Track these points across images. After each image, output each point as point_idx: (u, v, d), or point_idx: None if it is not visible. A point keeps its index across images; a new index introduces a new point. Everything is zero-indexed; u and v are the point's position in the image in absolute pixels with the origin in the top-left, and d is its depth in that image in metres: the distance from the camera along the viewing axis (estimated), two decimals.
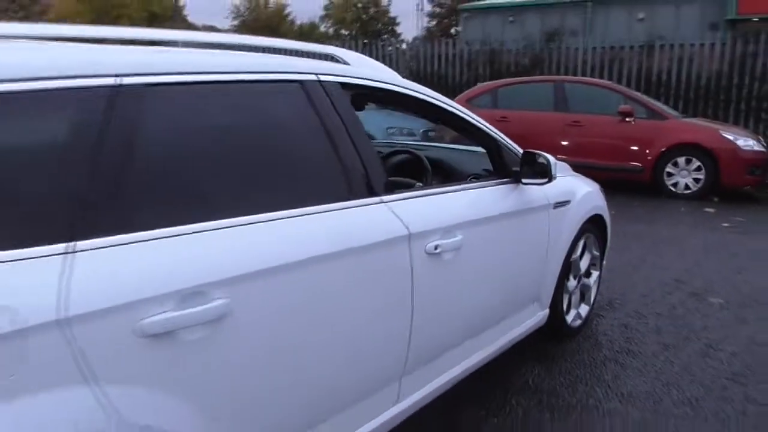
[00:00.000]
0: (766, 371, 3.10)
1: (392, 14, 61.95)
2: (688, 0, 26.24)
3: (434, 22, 54.56)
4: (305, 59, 2.12)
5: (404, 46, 17.55)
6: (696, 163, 7.77)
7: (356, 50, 13.82)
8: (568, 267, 3.30)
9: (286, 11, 62.09)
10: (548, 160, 2.69)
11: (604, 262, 3.77)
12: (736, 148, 7.59)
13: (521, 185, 2.78)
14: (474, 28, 30.50)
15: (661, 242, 5.67)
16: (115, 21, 43.56)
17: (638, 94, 8.92)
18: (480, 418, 2.64)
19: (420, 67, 13.12)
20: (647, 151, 8.00)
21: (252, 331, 1.58)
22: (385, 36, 61.86)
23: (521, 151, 2.83)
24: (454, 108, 2.63)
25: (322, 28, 63.88)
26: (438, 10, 56.25)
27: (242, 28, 61.96)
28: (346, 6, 59.97)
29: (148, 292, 1.37)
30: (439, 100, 2.57)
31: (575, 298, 3.49)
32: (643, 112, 8.16)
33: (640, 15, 27.19)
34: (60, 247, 1.29)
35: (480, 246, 2.44)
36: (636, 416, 2.68)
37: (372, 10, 60.82)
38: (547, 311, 3.17)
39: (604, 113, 8.20)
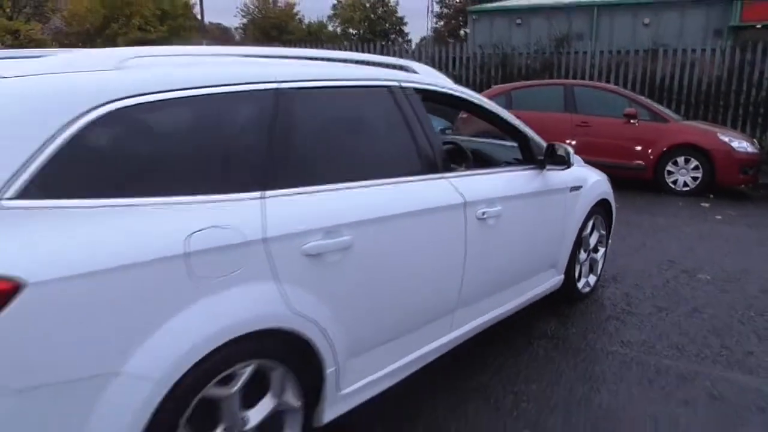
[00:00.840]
0: (740, 329, 3.79)
1: (400, 14, 62.46)
2: (693, 6, 26.79)
3: (442, 23, 55.12)
4: (391, 70, 2.83)
5: (413, 46, 18.17)
6: (694, 163, 8.44)
7: (364, 50, 14.36)
8: (580, 242, 3.99)
9: (295, 10, 62.66)
10: (567, 151, 3.39)
11: (609, 241, 4.47)
12: (730, 150, 8.27)
13: (545, 171, 3.47)
14: (482, 29, 31.14)
15: (660, 230, 6.36)
16: (128, 18, 44.24)
17: (642, 98, 9.60)
18: (508, 355, 3.34)
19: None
20: (649, 150, 8.67)
21: (365, 259, 2.28)
22: (393, 36, 62.50)
23: (545, 144, 3.52)
24: (493, 107, 3.34)
25: (330, 28, 64.55)
26: (446, 11, 56.82)
27: (251, 26, 62.58)
28: (354, 6, 60.57)
29: (307, 227, 2.08)
30: (482, 101, 3.27)
31: (585, 268, 4.18)
32: (646, 115, 8.84)
33: (646, 20, 27.80)
34: (257, 194, 1.99)
35: (514, 216, 3.14)
36: (633, 356, 3.38)
37: (380, 10, 61.38)
38: (562, 276, 3.87)
39: (611, 115, 8.87)
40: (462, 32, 37.79)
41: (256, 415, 2.03)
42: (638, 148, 8.75)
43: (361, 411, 2.42)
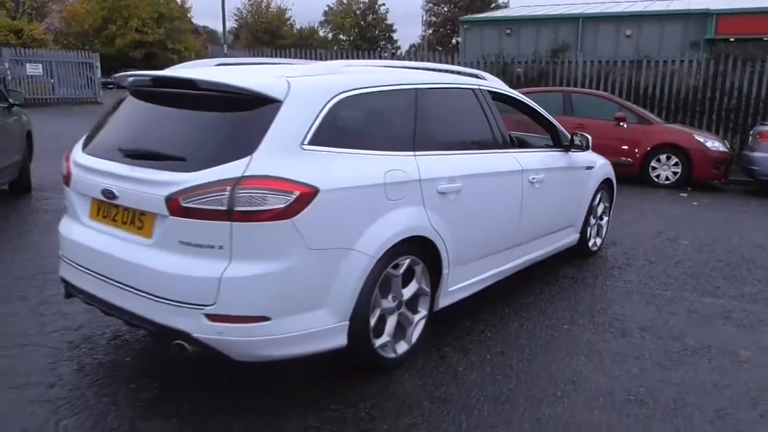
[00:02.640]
0: (710, 274, 5.07)
1: (389, 21, 63.74)
2: (671, 19, 28.39)
3: (431, 32, 56.51)
4: (469, 78, 4.05)
5: (401, 52, 19.43)
6: (674, 160, 9.78)
7: (355, 57, 15.47)
8: (591, 209, 5.24)
9: (287, 15, 63.65)
10: (586, 138, 4.65)
11: (611, 212, 5.73)
12: (705, 149, 9.63)
13: (569, 153, 4.72)
14: (473, 38, 32.52)
15: (647, 212, 7.66)
16: (126, 21, 44.96)
17: (630, 104, 10.95)
18: (543, 286, 4.58)
19: None
20: (636, 149, 10.00)
21: (469, 199, 3.49)
22: (383, 42, 63.79)
23: (568, 134, 4.76)
24: (535, 106, 4.57)
25: (321, 33, 65.77)
26: (434, 19, 58.23)
27: (244, 30, 63.42)
28: (345, 12, 61.80)
29: (439, 175, 3.29)
30: (528, 101, 4.51)
31: (593, 231, 5.43)
32: (633, 118, 10.18)
33: (628, 32, 29.34)
34: (412, 153, 3.20)
35: (550, 183, 4.38)
36: (633, 288, 4.64)
37: (370, 17, 62.66)
38: (578, 235, 5.12)
39: (603, 118, 10.18)
40: (454, 41, 39.17)
41: (407, 292, 3.22)
42: (626, 147, 10.06)
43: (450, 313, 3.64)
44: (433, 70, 3.93)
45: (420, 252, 3.22)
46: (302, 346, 2.70)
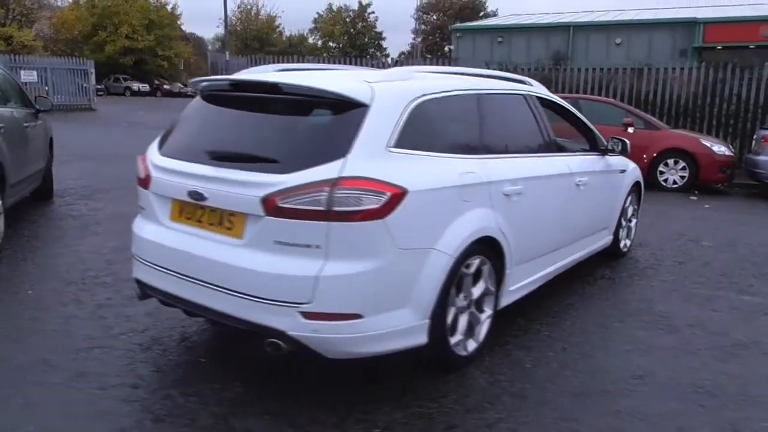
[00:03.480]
0: (740, 273, 5.21)
1: (378, 29, 64.01)
2: (660, 28, 28.90)
3: (420, 39, 56.83)
4: (517, 83, 4.15)
5: (390, 60, 19.63)
6: (682, 164, 9.99)
7: (344, 64, 15.61)
8: (623, 211, 5.37)
9: (276, 23, 63.67)
10: (625, 142, 4.77)
11: (638, 214, 5.87)
12: (712, 153, 9.85)
13: (606, 157, 4.84)
14: (465, 46, 32.86)
15: (663, 215, 7.82)
16: (116, 27, 44.75)
17: (636, 110, 11.17)
18: (584, 287, 4.69)
19: None
20: (644, 154, 10.17)
21: (529, 201, 3.59)
22: (372, 50, 64.05)
23: (603, 139, 4.89)
24: (575, 111, 4.69)
25: (311, 40, 65.85)
26: (424, 27, 58.60)
27: (233, 37, 63.35)
28: (335, 20, 61.99)
29: (504, 178, 3.38)
30: (570, 107, 4.62)
31: (624, 233, 5.56)
32: (641, 124, 10.38)
33: (618, 40, 29.81)
34: (479, 156, 3.29)
35: (592, 186, 4.49)
36: (670, 287, 4.75)
37: (360, 25, 62.92)
38: (611, 237, 5.24)
39: (611, 124, 10.34)
40: (447, 49, 39.47)
41: (475, 291, 3.30)
42: (634, 152, 10.23)
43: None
44: (484, 76, 4.03)
45: (487, 252, 3.30)
46: (389, 344, 2.77)
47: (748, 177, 10.25)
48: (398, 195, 2.66)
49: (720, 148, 9.97)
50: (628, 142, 4.84)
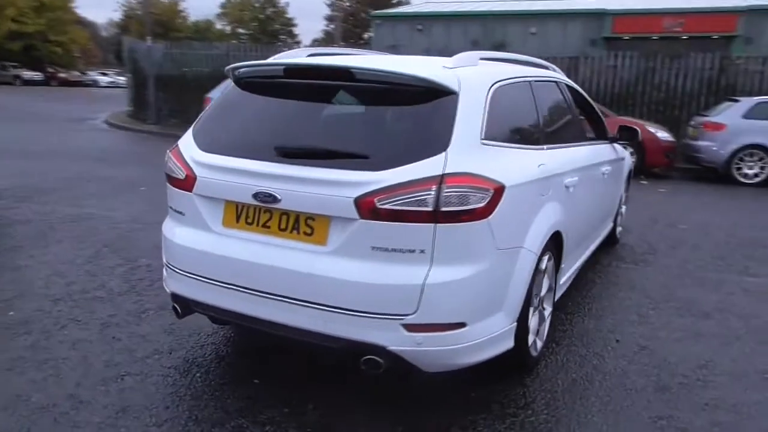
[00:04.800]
0: (732, 254, 5.40)
1: (290, 15, 62.67)
2: (573, 18, 30.01)
3: (333, 26, 56.10)
4: (553, 71, 4.02)
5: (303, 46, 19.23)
6: (629, 150, 10.33)
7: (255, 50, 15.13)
8: (621, 198, 5.42)
9: (180, 7, 60.83)
10: (636, 130, 4.78)
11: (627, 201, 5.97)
12: (657, 139, 10.27)
13: (614, 145, 4.83)
14: (385, 33, 32.70)
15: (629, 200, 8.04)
16: (1, 9, 41.08)
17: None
18: (592, 277, 4.68)
19: None
20: None
21: (579, 192, 3.48)
22: (283, 36, 62.63)
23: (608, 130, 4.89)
24: (589, 99, 4.63)
25: (219, 26, 63.44)
26: (336, 14, 57.90)
27: (132, 22, 59.96)
28: (243, 5, 60.06)
29: (565, 168, 3.24)
30: (584, 94, 4.56)
31: (619, 219, 5.62)
32: None
33: (533, 29, 30.71)
34: (543, 146, 3.13)
35: (610, 174, 4.47)
36: (675, 272, 4.83)
37: (269, 11, 61.32)
38: (612, 224, 5.27)
39: None
40: (366, 36, 39.08)
41: (543, 288, 3.14)
42: None
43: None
44: (515, 61, 3.87)
45: (552, 247, 3.16)
46: (485, 352, 2.56)
47: (685, 161, 10.78)
48: (499, 191, 2.45)
49: (664, 134, 10.42)
50: (638, 130, 4.85)
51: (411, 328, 2.35)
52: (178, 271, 2.80)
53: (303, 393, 2.78)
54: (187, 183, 2.74)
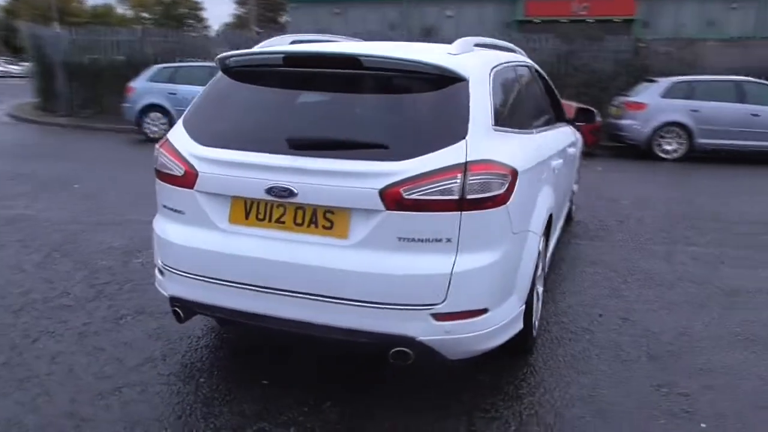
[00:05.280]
0: (673, 226, 5.75)
1: None
2: (487, 1, 30.73)
3: (244, 10, 54.51)
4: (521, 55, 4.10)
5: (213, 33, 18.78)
6: None
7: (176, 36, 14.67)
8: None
9: None
10: (594, 111, 4.96)
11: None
12: None
13: (572, 126, 5.01)
14: (302, 18, 32.13)
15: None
16: None
17: None
18: (556, 252, 4.86)
19: None
20: None
21: (560, 174, 3.59)
22: (191, 21, 60.22)
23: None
24: (550, 82, 4.76)
25: (120, 11, 60.09)
26: None
27: (21, 6, 55.78)
28: None
29: (552, 151, 3.34)
30: (546, 77, 4.68)
31: (573, 198, 5.84)
32: None
33: (449, 12, 31.19)
34: (534, 131, 3.20)
35: (573, 155, 4.63)
36: (631, 246, 5.10)
37: None
38: (569, 203, 5.47)
39: None
40: (283, 20, 38.08)
41: (539, 269, 3.21)
42: None
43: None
44: (493, 46, 3.92)
45: (545, 228, 3.24)
46: (504, 336, 2.60)
47: (608, 140, 11.34)
48: (515, 177, 2.48)
49: None
50: (595, 111, 5.03)
51: (440, 317, 2.34)
52: (178, 272, 2.65)
53: (316, 390, 2.72)
54: (187, 180, 2.58)
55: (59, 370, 2.88)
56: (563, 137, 4.07)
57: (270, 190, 2.39)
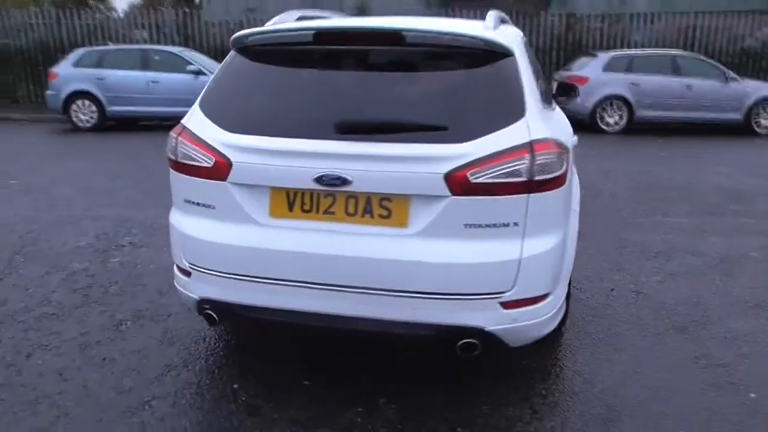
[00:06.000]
0: (645, 199, 5.92)
1: None
2: None
3: None
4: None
5: (117, 14, 17.91)
6: None
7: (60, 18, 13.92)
8: None
9: None
10: (576, 86, 4.96)
11: None
12: None
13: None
14: None
15: None
16: None
17: None
18: None
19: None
20: None
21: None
22: (93, 1, 56.68)
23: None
24: None
25: None
26: None
27: None
28: None
29: (570, 129, 3.28)
30: None
31: None
32: None
33: None
34: (554, 107, 3.13)
35: None
36: (612, 218, 5.20)
37: None
38: None
39: None
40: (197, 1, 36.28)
41: None
42: None
43: None
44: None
45: None
46: (558, 319, 2.54)
47: None
48: (568, 154, 2.41)
49: None
50: (577, 86, 5.04)
51: (508, 305, 2.25)
52: (210, 272, 2.41)
53: (364, 388, 2.58)
54: (218, 170, 2.34)
55: (71, 387, 2.58)
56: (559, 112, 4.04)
57: (320, 179, 2.20)
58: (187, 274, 2.51)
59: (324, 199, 2.27)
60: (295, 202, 2.30)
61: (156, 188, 6.17)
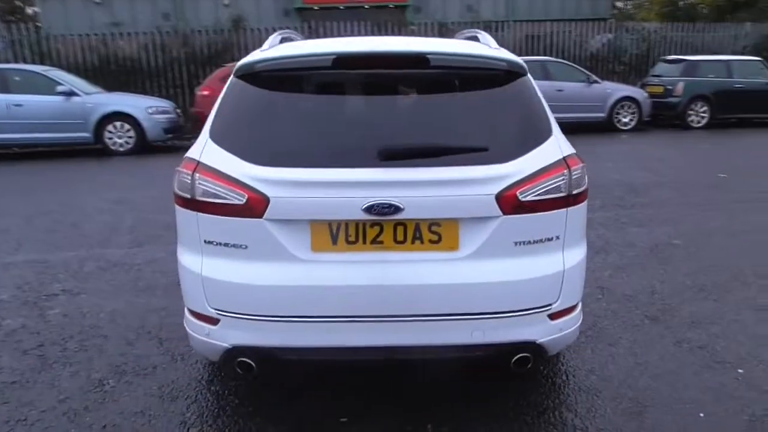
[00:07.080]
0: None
1: None
2: None
3: None
4: None
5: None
6: None
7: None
8: None
9: None
10: None
11: None
12: None
13: None
14: (54, 9, 28.33)
15: None
16: None
17: None
18: None
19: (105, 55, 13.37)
20: None
21: None
22: None
23: None
24: None
25: None
26: None
27: None
28: None
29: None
30: None
31: None
32: None
33: (226, 1, 29.93)
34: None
35: None
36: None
37: None
38: None
39: None
40: (31, 11, 32.81)
41: None
42: None
43: None
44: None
45: None
46: (580, 325, 2.67)
47: None
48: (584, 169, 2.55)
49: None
50: None
51: (554, 316, 2.34)
52: (247, 317, 2.24)
53: (407, 416, 2.53)
54: (252, 208, 2.18)
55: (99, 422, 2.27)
56: None
57: (370, 209, 2.13)
58: (213, 321, 2.30)
59: (371, 228, 2.20)
60: (339, 234, 2.21)
61: (56, 224, 5.56)
